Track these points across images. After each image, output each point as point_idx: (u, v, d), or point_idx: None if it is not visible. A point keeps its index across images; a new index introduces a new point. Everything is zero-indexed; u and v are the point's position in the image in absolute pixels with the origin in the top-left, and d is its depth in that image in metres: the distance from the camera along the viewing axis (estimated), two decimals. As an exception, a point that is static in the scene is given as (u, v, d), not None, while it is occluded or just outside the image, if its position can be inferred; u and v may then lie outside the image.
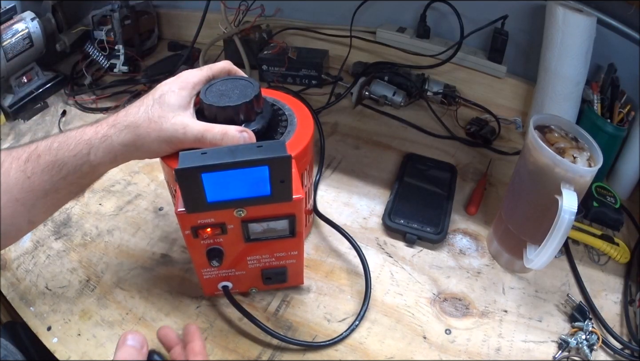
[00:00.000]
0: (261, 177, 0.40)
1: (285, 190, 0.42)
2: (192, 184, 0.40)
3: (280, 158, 0.39)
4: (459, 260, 0.61)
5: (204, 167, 0.39)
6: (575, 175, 0.47)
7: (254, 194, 0.42)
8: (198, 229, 0.44)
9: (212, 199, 0.41)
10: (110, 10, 0.92)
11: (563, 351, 0.50)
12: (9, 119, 0.86)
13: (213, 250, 0.47)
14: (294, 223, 0.46)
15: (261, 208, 0.44)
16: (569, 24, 0.68)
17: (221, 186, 0.40)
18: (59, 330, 0.53)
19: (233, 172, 0.40)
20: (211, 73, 0.50)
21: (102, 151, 0.44)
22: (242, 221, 0.44)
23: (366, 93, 0.88)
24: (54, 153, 0.44)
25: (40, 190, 0.44)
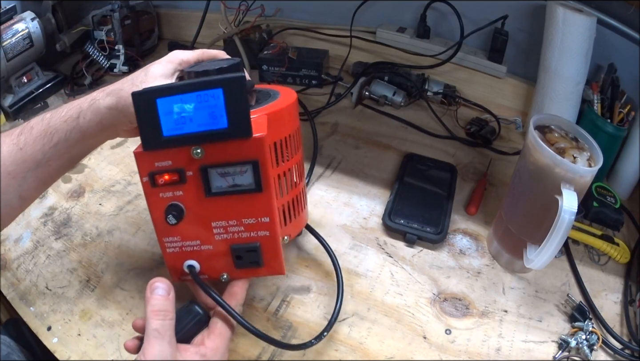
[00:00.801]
0: (216, 104, 0.39)
1: (243, 122, 0.40)
2: (148, 113, 0.40)
3: (234, 79, 0.39)
4: (459, 260, 0.61)
5: (158, 91, 0.40)
6: (575, 175, 0.47)
7: (210, 126, 0.40)
8: (155, 174, 0.42)
9: (168, 132, 0.40)
10: (110, 10, 0.92)
11: (563, 351, 0.51)
12: (9, 119, 0.86)
13: (172, 207, 0.43)
14: (258, 171, 0.42)
15: (220, 149, 0.41)
16: (569, 24, 0.68)
17: (176, 115, 0.40)
18: (59, 330, 0.53)
19: (187, 97, 0.39)
20: (203, 56, 0.50)
21: (90, 114, 0.45)
22: (201, 166, 0.42)
23: (366, 93, 0.88)
24: (46, 122, 0.45)
25: (32, 161, 0.45)
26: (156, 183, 0.42)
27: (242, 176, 0.42)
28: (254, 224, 0.44)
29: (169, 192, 0.43)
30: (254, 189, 0.42)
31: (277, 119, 0.46)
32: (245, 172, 0.42)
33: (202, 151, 0.41)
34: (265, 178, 0.42)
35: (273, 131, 0.44)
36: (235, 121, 0.40)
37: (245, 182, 0.42)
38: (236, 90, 0.39)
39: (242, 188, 0.42)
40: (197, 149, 0.41)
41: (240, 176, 0.42)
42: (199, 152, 0.41)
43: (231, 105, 0.39)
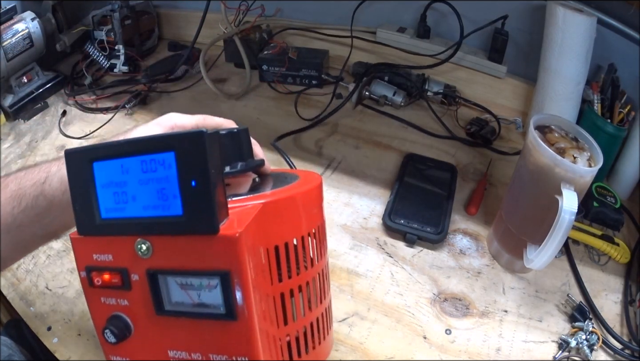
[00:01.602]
0: (167, 177, 0.27)
1: (205, 209, 0.27)
2: (82, 182, 0.30)
3: (191, 136, 0.26)
4: (459, 260, 0.61)
5: (95, 150, 0.29)
6: (575, 175, 0.47)
7: (159, 211, 0.28)
8: (93, 270, 0.31)
9: (107, 213, 0.30)
10: (111, 10, 0.92)
11: (563, 352, 0.50)
12: (9, 119, 0.86)
13: (114, 320, 0.31)
14: (230, 289, 0.27)
15: (176, 248, 0.28)
16: (569, 24, 0.68)
17: (117, 188, 0.29)
18: (59, 330, 0.53)
19: (129, 162, 0.28)
20: (204, 123, 0.42)
21: (57, 180, 0.39)
22: (149, 269, 0.29)
23: (366, 93, 0.88)
24: (18, 181, 0.40)
25: (4, 223, 0.39)
26: (93, 282, 0.31)
27: (211, 293, 0.28)
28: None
29: (111, 298, 0.31)
30: (224, 315, 0.28)
31: (282, 211, 0.33)
32: (215, 287, 0.28)
33: (148, 247, 0.29)
34: (244, 300, 0.28)
35: (273, 229, 0.31)
36: (194, 205, 0.27)
37: (214, 301, 0.29)
38: (196, 155, 0.26)
39: (208, 312, 0.29)
40: (142, 244, 0.29)
41: (207, 293, 0.28)
42: (144, 250, 0.29)
43: (187, 179, 0.27)
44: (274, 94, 0.92)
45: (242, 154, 0.38)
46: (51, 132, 0.84)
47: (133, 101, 0.88)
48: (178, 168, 0.27)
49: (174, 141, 0.27)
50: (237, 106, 0.89)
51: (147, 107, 0.90)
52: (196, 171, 0.27)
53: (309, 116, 0.83)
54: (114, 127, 0.84)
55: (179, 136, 0.27)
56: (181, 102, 0.91)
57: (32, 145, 0.81)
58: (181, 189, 0.27)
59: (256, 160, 0.39)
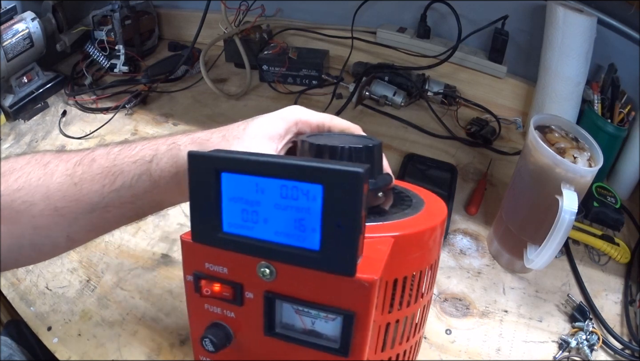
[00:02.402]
0: (309, 209, 0.25)
1: (346, 252, 0.25)
2: (206, 190, 0.28)
3: (348, 174, 0.24)
4: (460, 260, 0.61)
5: (227, 160, 0.27)
6: (575, 175, 0.47)
7: (293, 240, 0.26)
8: (203, 278, 0.30)
9: (230, 228, 0.28)
10: (111, 10, 0.93)
11: (563, 352, 0.50)
12: (10, 119, 0.86)
13: (215, 328, 0.31)
14: (351, 328, 0.27)
15: (301, 278, 0.27)
16: (570, 24, 0.68)
17: (247, 205, 0.27)
18: (59, 330, 0.53)
19: (267, 183, 0.26)
20: (331, 123, 0.39)
21: (166, 161, 0.36)
22: (268, 292, 0.28)
23: (366, 93, 0.88)
24: (112, 158, 0.37)
25: (86, 202, 0.36)
26: (200, 291, 0.30)
27: (327, 324, 0.28)
28: None
29: (217, 307, 0.31)
30: (337, 350, 0.28)
31: (410, 245, 0.31)
32: (333, 319, 0.28)
33: (272, 272, 0.28)
34: (359, 339, 0.27)
35: (397, 262, 0.30)
36: (333, 244, 0.25)
37: (328, 332, 0.28)
38: (348, 195, 0.24)
39: (320, 343, 0.28)
40: (265, 268, 0.28)
41: (323, 322, 0.28)
42: (267, 274, 0.28)
43: (332, 217, 0.25)
44: (274, 94, 0.93)
45: (373, 170, 0.35)
46: (51, 132, 0.84)
47: (133, 101, 0.88)
48: (324, 203, 0.25)
49: (326, 175, 0.24)
50: (237, 106, 0.90)
51: (147, 107, 0.90)
52: (345, 212, 0.25)
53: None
54: (114, 127, 0.84)
55: (332, 171, 0.24)
56: (181, 102, 0.91)
57: (33, 145, 0.81)
58: (323, 225, 0.25)
59: (386, 176, 0.36)
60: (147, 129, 0.84)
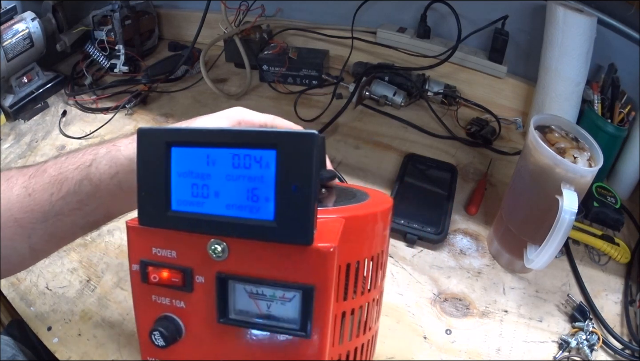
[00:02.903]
0: (262, 177, 0.25)
1: (303, 217, 0.25)
2: (154, 167, 0.27)
3: (302, 136, 0.24)
4: (460, 260, 0.61)
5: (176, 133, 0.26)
6: (575, 175, 0.47)
7: (246, 212, 0.26)
8: (149, 265, 0.28)
9: (179, 206, 0.27)
10: (111, 10, 0.93)
11: (563, 352, 0.50)
12: (10, 119, 0.86)
13: (164, 320, 0.29)
14: (311, 305, 0.26)
15: (255, 254, 0.26)
16: (570, 24, 0.68)
17: (197, 179, 0.26)
18: (59, 330, 0.53)
19: (217, 154, 0.26)
20: (272, 122, 0.40)
21: (105, 163, 0.36)
22: (220, 273, 0.27)
23: (366, 93, 0.88)
24: (58, 166, 0.38)
25: (39, 211, 0.37)
26: (148, 278, 0.29)
27: (284, 306, 0.27)
28: None
29: (166, 297, 0.29)
30: (297, 331, 0.27)
31: (360, 228, 0.31)
32: (290, 300, 0.26)
33: (224, 249, 0.27)
34: (320, 317, 0.26)
35: (349, 246, 0.29)
36: (289, 212, 0.25)
37: (285, 315, 0.27)
38: (303, 158, 0.24)
39: (278, 325, 0.27)
40: (216, 245, 0.27)
41: (279, 305, 0.27)
42: (219, 251, 0.27)
43: (287, 183, 0.24)
44: (274, 94, 0.93)
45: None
46: (51, 132, 0.84)
47: (133, 101, 0.88)
48: (277, 169, 0.24)
49: (279, 139, 0.24)
50: (238, 106, 0.89)
51: (147, 108, 0.90)
52: (299, 176, 0.24)
53: (310, 116, 0.83)
54: (114, 127, 0.84)
55: (286, 134, 0.24)
56: (181, 102, 0.91)
57: (33, 145, 0.81)
58: (277, 193, 0.25)
59: (330, 171, 0.37)
60: (147, 129, 0.84)
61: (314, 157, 0.24)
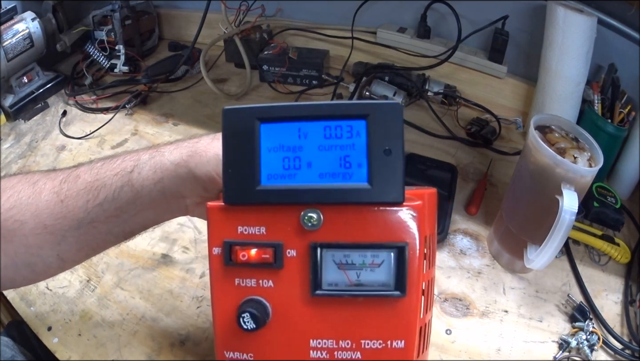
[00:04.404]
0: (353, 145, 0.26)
1: (394, 175, 0.26)
2: (242, 145, 0.27)
3: (388, 106, 0.26)
4: (460, 260, 0.61)
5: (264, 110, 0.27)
6: (575, 175, 0.47)
7: (340, 179, 0.27)
8: (235, 245, 0.28)
9: (269, 180, 0.27)
10: (111, 10, 0.93)
11: (563, 352, 0.50)
12: (10, 119, 0.86)
13: (250, 303, 0.28)
14: (404, 263, 0.27)
15: (346, 220, 0.27)
16: (570, 24, 0.68)
17: (289, 152, 0.27)
18: (59, 330, 0.53)
19: (308, 127, 0.27)
20: None
21: (148, 169, 0.35)
22: (313, 243, 0.27)
23: (367, 93, 0.88)
24: (94, 173, 0.37)
25: (72, 218, 0.36)
26: (234, 259, 0.28)
27: (373, 272, 0.27)
28: (380, 350, 0.28)
29: (251, 279, 0.29)
30: (392, 291, 0.27)
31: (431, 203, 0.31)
32: (379, 265, 0.27)
33: (319, 217, 0.27)
34: (413, 274, 0.27)
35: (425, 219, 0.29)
36: (381, 174, 0.26)
37: (376, 280, 0.27)
38: (391, 124, 0.26)
39: (371, 289, 0.27)
40: (311, 214, 0.27)
41: (368, 272, 0.27)
42: (314, 220, 0.27)
43: (377, 148, 0.26)
44: (275, 94, 0.93)
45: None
46: (51, 132, 0.84)
47: (133, 101, 0.88)
48: (368, 136, 0.26)
49: (368, 109, 0.26)
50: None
51: (147, 108, 0.90)
52: (389, 140, 0.26)
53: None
54: (114, 127, 0.84)
55: (373, 105, 0.27)
56: (182, 102, 0.91)
57: (33, 145, 0.81)
58: (369, 158, 0.26)
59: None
60: (147, 129, 0.84)
61: (401, 123, 0.26)
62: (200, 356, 0.50)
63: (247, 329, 0.27)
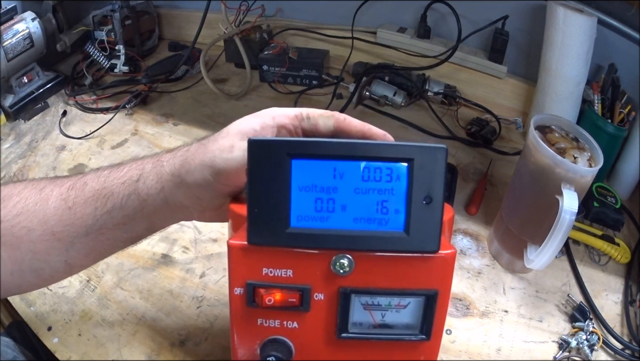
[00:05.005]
0: (392, 190, 0.25)
1: (432, 224, 0.25)
2: (269, 181, 0.25)
3: (434, 150, 0.25)
4: (460, 260, 0.61)
5: (296, 144, 0.25)
6: (575, 175, 0.47)
7: (375, 225, 0.25)
8: (259, 288, 0.27)
9: (300, 221, 0.26)
10: (111, 10, 0.93)
11: (564, 352, 0.50)
12: (10, 119, 0.86)
13: (274, 344, 0.27)
14: (433, 309, 0.27)
15: (378, 266, 0.26)
16: (570, 24, 0.68)
17: (322, 193, 0.25)
18: (59, 330, 0.53)
19: (346, 166, 0.25)
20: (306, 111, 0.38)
21: (152, 178, 0.36)
22: (342, 288, 0.26)
23: (367, 93, 0.88)
24: (102, 181, 0.37)
25: (81, 225, 0.36)
26: (258, 301, 0.27)
27: (398, 313, 0.27)
28: None
29: (275, 320, 0.28)
30: (417, 335, 0.27)
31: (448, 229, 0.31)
32: (405, 307, 0.27)
33: (350, 263, 0.26)
34: (439, 319, 0.28)
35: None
36: (419, 223, 0.25)
37: (400, 321, 0.27)
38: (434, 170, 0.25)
39: (396, 333, 0.27)
40: (342, 260, 0.26)
41: (394, 313, 0.27)
42: (345, 266, 0.26)
43: (417, 195, 0.25)
44: (275, 94, 0.93)
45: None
46: (51, 132, 0.84)
47: (133, 101, 0.88)
48: (409, 182, 0.25)
49: (412, 152, 0.25)
50: (238, 106, 0.90)
51: (147, 108, 0.90)
52: (430, 188, 0.25)
53: (309, 116, 0.83)
54: (114, 127, 0.84)
55: (418, 148, 0.25)
56: (182, 102, 0.91)
57: (33, 145, 0.81)
58: (407, 204, 0.25)
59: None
60: (147, 129, 0.84)
61: (445, 169, 0.25)
62: (200, 356, 0.50)
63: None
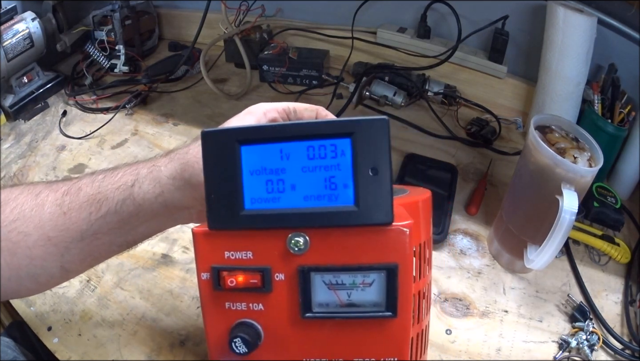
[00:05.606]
0: (338, 165, 0.26)
1: (382, 195, 0.25)
2: (223, 168, 0.27)
3: (373, 122, 0.25)
4: (460, 260, 0.61)
5: (244, 132, 0.26)
6: (575, 175, 0.47)
7: (326, 201, 0.26)
8: (223, 271, 0.28)
9: (253, 204, 0.27)
10: (111, 10, 0.93)
11: (564, 352, 0.50)
12: (10, 119, 0.86)
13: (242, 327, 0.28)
14: (395, 283, 0.27)
15: (334, 243, 0.27)
16: (570, 24, 0.68)
17: (272, 175, 0.26)
18: (59, 330, 0.53)
19: (290, 148, 0.26)
20: (293, 105, 0.39)
21: (148, 183, 0.36)
22: (301, 267, 0.27)
23: (367, 93, 0.88)
24: (96, 186, 0.37)
25: (75, 230, 0.36)
26: (222, 284, 0.28)
27: (364, 291, 0.27)
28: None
29: (241, 302, 0.29)
30: (383, 311, 0.27)
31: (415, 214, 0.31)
32: (370, 284, 0.27)
33: (305, 241, 0.27)
34: (404, 294, 0.27)
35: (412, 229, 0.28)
36: (368, 194, 0.25)
37: (367, 300, 0.27)
38: (378, 141, 0.25)
39: (362, 311, 0.27)
40: (297, 238, 0.27)
41: (359, 291, 0.27)
42: (300, 244, 0.27)
43: (363, 168, 0.25)
44: (275, 94, 0.93)
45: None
46: (51, 132, 0.84)
47: (133, 101, 0.88)
48: (354, 156, 0.25)
49: (353, 126, 0.25)
50: (238, 106, 0.89)
51: (147, 108, 0.90)
52: (376, 159, 0.25)
53: (309, 116, 0.83)
54: (114, 127, 0.84)
55: (359, 121, 0.25)
56: (182, 102, 0.91)
57: (33, 145, 0.81)
58: (355, 178, 0.26)
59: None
60: (147, 129, 0.84)
61: (388, 140, 0.25)
62: (200, 356, 0.50)
63: (239, 353, 0.27)
